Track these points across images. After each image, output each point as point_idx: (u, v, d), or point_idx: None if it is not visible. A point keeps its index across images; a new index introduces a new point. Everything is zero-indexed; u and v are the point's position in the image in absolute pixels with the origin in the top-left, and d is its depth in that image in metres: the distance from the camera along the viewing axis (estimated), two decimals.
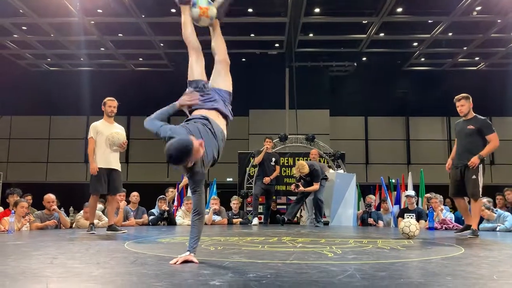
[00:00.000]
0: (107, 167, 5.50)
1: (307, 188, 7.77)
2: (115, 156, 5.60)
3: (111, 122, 5.72)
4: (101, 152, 5.49)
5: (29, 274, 2.34)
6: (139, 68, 17.54)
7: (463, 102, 5.48)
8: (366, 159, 17.69)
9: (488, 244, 4.40)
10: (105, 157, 5.49)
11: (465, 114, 5.46)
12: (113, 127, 5.68)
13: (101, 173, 5.44)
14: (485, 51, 15.31)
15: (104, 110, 5.74)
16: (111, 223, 5.57)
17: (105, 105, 5.71)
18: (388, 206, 8.66)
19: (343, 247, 3.84)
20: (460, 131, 5.49)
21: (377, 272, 2.48)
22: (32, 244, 4.06)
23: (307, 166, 7.60)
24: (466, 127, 5.38)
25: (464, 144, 5.36)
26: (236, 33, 14.42)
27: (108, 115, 5.69)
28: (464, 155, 5.28)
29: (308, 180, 7.80)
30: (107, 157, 5.50)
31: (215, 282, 2.11)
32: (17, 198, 6.29)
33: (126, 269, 2.57)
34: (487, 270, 2.64)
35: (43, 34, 14.16)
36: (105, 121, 5.70)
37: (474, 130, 5.30)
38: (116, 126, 5.74)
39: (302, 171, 7.56)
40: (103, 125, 5.65)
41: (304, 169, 7.55)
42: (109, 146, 5.51)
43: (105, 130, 5.58)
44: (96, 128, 5.60)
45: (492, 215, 6.60)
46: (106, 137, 5.51)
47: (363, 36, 14.42)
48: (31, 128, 17.75)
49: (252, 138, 16.52)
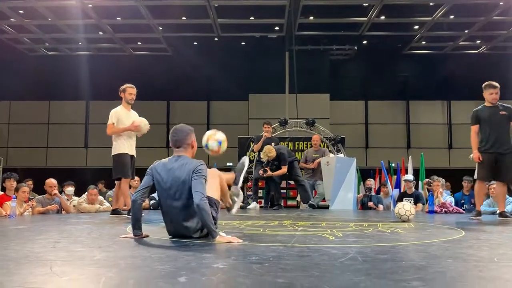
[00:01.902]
0: (131, 154, 5.65)
1: (275, 172, 7.86)
2: (134, 142, 5.76)
3: (129, 109, 5.74)
4: (126, 139, 5.60)
5: (33, 258, 2.35)
6: (138, 52, 17.41)
7: (498, 90, 5.50)
8: (366, 143, 17.69)
9: (488, 227, 4.43)
10: (129, 144, 5.62)
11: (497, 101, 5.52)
12: (131, 114, 5.73)
13: (128, 157, 5.58)
14: (487, 34, 15.18)
15: (123, 96, 5.71)
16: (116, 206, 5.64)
17: (125, 92, 5.69)
18: (388, 190, 8.70)
19: (343, 230, 3.86)
20: (491, 118, 5.47)
21: (379, 255, 2.49)
22: (35, 229, 4.08)
23: (274, 150, 7.68)
24: (499, 113, 5.43)
25: (499, 131, 5.41)
26: (236, 16, 14.29)
27: (128, 102, 5.70)
28: (500, 141, 5.35)
29: (277, 164, 7.87)
30: (130, 143, 5.65)
31: (218, 265, 2.12)
32: (14, 183, 6.28)
33: (129, 253, 2.58)
34: (488, 252, 2.66)
35: (41, 18, 14.01)
36: (124, 107, 5.70)
37: (506, 116, 5.40)
38: (132, 113, 5.78)
39: (270, 155, 7.63)
40: (124, 112, 5.67)
41: (271, 153, 7.62)
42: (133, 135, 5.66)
43: (126, 117, 5.63)
44: (118, 115, 5.60)
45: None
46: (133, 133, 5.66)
47: (363, 19, 14.28)
48: (30, 113, 17.69)
49: (252, 123, 16.48)
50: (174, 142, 3.16)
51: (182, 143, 3.15)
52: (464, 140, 17.35)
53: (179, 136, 3.15)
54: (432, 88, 16.90)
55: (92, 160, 16.98)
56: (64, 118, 17.66)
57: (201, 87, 17.23)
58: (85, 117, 17.74)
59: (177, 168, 3.04)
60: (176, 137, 3.15)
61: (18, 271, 2.02)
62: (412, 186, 7.59)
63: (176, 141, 3.15)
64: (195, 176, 2.96)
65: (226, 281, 1.81)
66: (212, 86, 17.07)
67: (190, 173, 2.97)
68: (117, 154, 5.55)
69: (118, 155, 5.55)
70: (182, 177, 2.99)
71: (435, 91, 17.06)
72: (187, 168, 3.01)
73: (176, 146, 3.15)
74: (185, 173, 2.99)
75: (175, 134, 3.16)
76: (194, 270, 1.99)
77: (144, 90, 17.49)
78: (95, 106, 17.27)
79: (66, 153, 17.45)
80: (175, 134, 3.16)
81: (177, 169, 3.03)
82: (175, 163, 3.07)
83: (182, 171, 3.01)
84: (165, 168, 3.07)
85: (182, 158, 3.10)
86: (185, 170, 3.00)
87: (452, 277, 1.92)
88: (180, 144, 3.15)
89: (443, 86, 16.92)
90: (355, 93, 17.82)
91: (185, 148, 3.16)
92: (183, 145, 3.15)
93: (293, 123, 11.18)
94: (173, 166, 3.06)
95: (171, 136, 3.17)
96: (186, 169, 3.00)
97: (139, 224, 3.11)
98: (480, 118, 5.52)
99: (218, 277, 1.84)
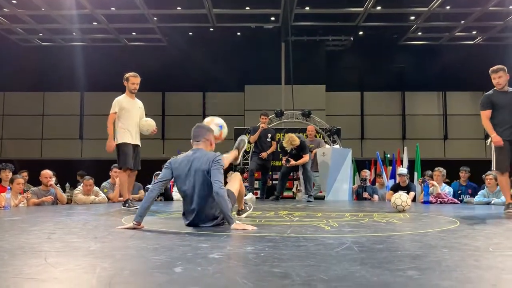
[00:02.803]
0: (134, 143, 5.54)
1: (298, 161, 7.61)
2: (139, 132, 5.66)
3: (133, 98, 5.65)
4: (129, 129, 5.48)
5: (27, 249, 2.34)
6: (133, 42, 17.27)
7: (501, 73, 5.07)
8: (362, 134, 17.71)
9: (483, 217, 4.45)
10: (132, 133, 5.51)
11: (503, 86, 5.08)
12: (136, 103, 5.64)
13: (130, 148, 5.46)
14: (483, 24, 15.16)
15: (126, 85, 5.60)
16: (129, 197, 5.57)
17: (128, 81, 5.58)
18: (383, 180, 8.73)
19: (339, 220, 3.87)
20: (504, 102, 5.06)
21: (374, 244, 2.50)
22: (29, 220, 4.06)
23: (297, 138, 7.39)
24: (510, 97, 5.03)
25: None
26: (231, 6, 14.19)
27: (131, 91, 5.59)
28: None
29: (295, 153, 7.59)
30: (132, 133, 5.52)
31: (214, 255, 2.12)
32: (9, 174, 6.24)
33: (124, 244, 2.58)
34: (483, 242, 2.67)
35: (34, 8, 13.85)
36: (128, 96, 5.60)
37: None
38: (137, 102, 5.68)
39: (294, 143, 7.33)
40: (128, 101, 5.56)
41: (295, 141, 7.32)
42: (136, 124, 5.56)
43: (130, 106, 5.54)
44: (120, 104, 5.49)
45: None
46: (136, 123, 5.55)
47: (360, 10, 14.21)
48: (24, 104, 17.55)
49: (248, 114, 16.44)
50: (195, 135, 3.48)
51: (201, 137, 3.47)
52: (459, 131, 17.51)
53: (201, 131, 3.50)
54: (428, 79, 16.90)
55: (87, 152, 16.91)
56: (59, 109, 17.54)
57: (196, 78, 17.14)
58: (80, 108, 17.63)
59: (198, 159, 3.32)
60: (198, 131, 3.49)
61: (13, 262, 2.00)
62: (406, 179, 7.58)
63: (197, 135, 3.47)
64: (215, 166, 3.25)
65: (222, 271, 1.81)
66: (207, 77, 16.97)
67: (210, 163, 3.27)
68: (118, 143, 5.47)
69: (119, 145, 5.46)
70: (203, 167, 3.28)
71: (431, 82, 17.06)
72: (206, 158, 3.30)
73: (196, 140, 3.47)
74: (205, 163, 3.28)
75: (197, 129, 3.51)
76: (189, 261, 1.98)
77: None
78: (90, 97, 17.17)
79: (61, 144, 17.36)
80: (197, 128, 3.52)
81: (198, 160, 3.31)
82: (195, 154, 3.36)
83: (202, 161, 3.29)
84: (186, 160, 3.34)
85: (200, 150, 3.40)
86: (205, 160, 3.29)
87: (447, 266, 1.93)
88: (200, 138, 3.47)
89: (439, 77, 16.93)
90: (351, 84, 17.80)
91: (204, 143, 3.48)
92: (202, 139, 3.47)
93: (289, 114, 11.17)
94: (194, 157, 3.34)
95: (194, 131, 3.49)
96: (206, 159, 3.29)
97: (145, 214, 3.25)
98: (493, 103, 5.14)
99: (213, 267, 1.84)
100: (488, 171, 7.11)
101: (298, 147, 7.46)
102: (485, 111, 5.13)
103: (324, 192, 8.59)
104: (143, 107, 5.75)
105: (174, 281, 1.63)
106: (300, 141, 7.41)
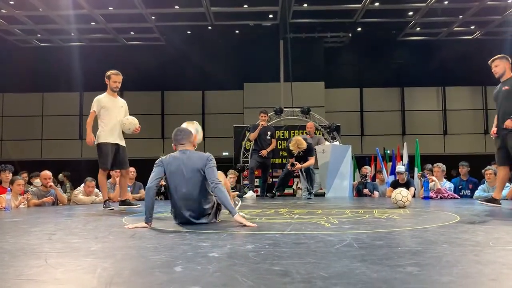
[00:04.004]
0: (114, 143, 5.36)
1: (303, 164, 7.49)
2: (121, 132, 5.46)
3: (115, 97, 5.50)
4: (109, 128, 5.32)
5: (28, 250, 2.34)
6: (131, 42, 17.26)
7: (497, 62, 4.96)
8: (361, 130, 17.71)
9: (483, 212, 4.45)
10: (112, 133, 5.34)
11: (501, 75, 4.95)
12: (117, 102, 5.48)
13: (108, 147, 5.30)
14: (481, 19, 15.14)
15: (108, 83, 5.44)
16: (125, 198, 5.51)
17: (110, 79, 5.41)
18: (383, 176, 8.72)
19: (339, 217, 3.87)
20: (497, 95, 5.01)
21: (375, 241, 2.50)
22: (30, 221, 4.07)
23: (304, 142, 7.24)
24: (502, 89, 4.91)
25: (502, 108, 4.87)
26: (229, 4, 14.17)
27: (113, 90, 5.42)
28: (503, 119, 4.77)
29: (301, 155, 7.45)
30: (114, 133, 5.35)
31: (214, 254, 2.12)
32: (9, 175, 6.23)
33: (124, 243, 2.58)
34: (483, 237, 2.67)
35: (32, 9, 13.84)
36: (109, 95, 5.45)
37: (510, 90, 4.81)
38: (120, 100, 5.53)
39: (301, 147, 7.17)
40: (107, 99, 5.40)
41: (302, 145, 7.16)
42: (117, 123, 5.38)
43: (111, 104, 5.38)
44: (100, 102, 5.35)
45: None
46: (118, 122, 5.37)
47: (358, 6, 14.19)
48: (23, 105, 17.55)
49: (247, 112, 16.44)
50: (179, 139, 3.60)
51: (186, 140, 3.60)
52: (459, 126, 17.52)
53: (183, 134, 3.62)
54: (427, 74, 16.89)
55: (87, 152, 16.89)
56: (58, 110, 17.53)
57: (195, 77, 17.12)
58: (79, 108, 17.63)
59: (190, 158, 3.47)
60: (181, 136, 3.61)
61: (14, 263, 2.01)
62: (405, 176, 7.56)
63: (181, 138, 3.60)
64: (209, 164, 3.43)
65: (222, 269, 1.81)
66: (206, 75, 16.97)
67: (205, 161, 3.44)
68: (97, 143, 5.34)
69: (98, 144, 5.33)
70: (197, 165, 3.43)
71: (430, 77, 17.05)
72: (199, 157, 3.48)
73: (180, 143, 3.59)
74: (199, 162, 3.44)
75: (180, 133, 3.62)
76: (190, 260, 1.99)
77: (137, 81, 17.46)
78: (89, 97, 17.07)
79: (61, 145, 17.36)
80: (180, 133, 3.62)
81: (190, 159, 3.46)
82: (185, 154, 3.50)
83: (196, 160, 3.45)
84: (178, 160, 3.48)
85: (189, 151, 3.55)
86: (199, 159, 3.46)
87: (447, 261, 1.93)
88: (184, 141, 3.60)
89: (438, 72, 16.92)
90: (350, 80, 17.79)
91: (188, 145, 3.62)
92: (187, 142, 3.61)
93: (289, 111, 11.15)
94: (185, 157, 3.48)
95: (175, 135, 3.61)
96: (198, 158, 3.47)
97: (152, 212, 3.36)
98: (493, 97, 5.13)
99: (214, 266, 1.84)
100: (488, 166, 7.12)
101: (305, 150, 7.34)
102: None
103: (324, 189, 8.59)
104: (126, 106, 5.59)
105: (174, 280, 1.64)
106: (307, 144, 7.28)
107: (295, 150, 7.24)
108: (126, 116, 5.51)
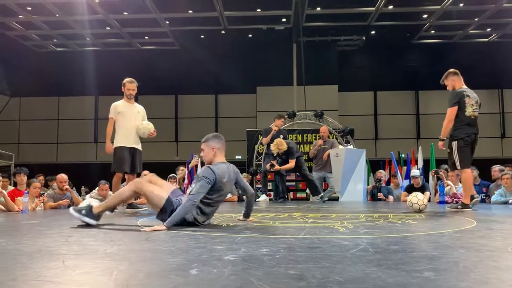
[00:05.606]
0: (130, 146, 5.57)
1: (283, 166, 7.75)
2: (137, 137, 5.68)
3: (131, 103, 5.73)
4: (124, 133, 5.56)
5: (45, 252, 2.37)
6: (145, 46, 17.44)
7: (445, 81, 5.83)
8: (376, 134, 17.60)
9: (500, 217, 4.38)
10: (127, 137, 5.57)
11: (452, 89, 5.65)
12: (134, 108, 5.71)
13: (124, 151, 5.51)
14: (497, 21, 14.97)
15: (123, 91, 5.72)
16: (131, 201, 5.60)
17: (125, 86, 5.69)
18: (398, 181, 8.64)
19: (354, 221, 3.84)
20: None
21: (390, 245, 2.48)
22: (47, 223, 4.12)
23: (285, 143, 7.54)
24: None
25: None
26: (242, 8, 14.23)
27: (128, 97, 5.69)
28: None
29: (284, 158, 7.74)
30: (129, 138, 5.58)
31: (229, 257, 2.12)
32: (24, 177, 6.35)
33: (140, 246, 2.60)
34: (501, 242, 2.63)
35: (48, 14, 14.08)
36: (125, 101, 5.70)
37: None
38: (137, 106, 5.75)
39: (281, 148, 7.50)
40: (124, 105, 5.65)
41: (282, 146, 7.49)
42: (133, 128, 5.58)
43: (126, 110, 5.61)
44: (117, 108, 5.60)
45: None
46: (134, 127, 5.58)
47: (371, 9, 14.14)
48: (40, 109, 17.85)
49: (260, 116, 16.46)
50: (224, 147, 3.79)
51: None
52: None
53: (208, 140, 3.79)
54: (441, 77, 16.70)
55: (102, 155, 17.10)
56: (74, 114, 17.79)
57: (208, 81, 17.22)
58: (94, 112, 17.85)
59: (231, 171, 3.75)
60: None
61: (31, 265, 2.03)
62: (420, 181, 7.51)
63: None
64: (239, 176, 3.84)
65: (237, 273, 1.81)
66: (219, 79, 17.05)
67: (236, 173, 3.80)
68: (114, 147, 5.57)
69: (114, 149, 5.56)
70: (234, 177, 3.78)
71: None
72: (233, 170, 3.79)
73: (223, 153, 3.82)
74: (234, 174, 3.77)
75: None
76: (205, 263, 1.99)
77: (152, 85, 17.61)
78: (104, 101, 17.35)
79: (76, 148, 17.60)
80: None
81: (231, 172, 3.75)
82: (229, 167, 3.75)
83: (233, 172, 3.76)
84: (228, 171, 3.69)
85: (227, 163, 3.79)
86: (233, 172, 3.78)
87: (465, 267, 1.90)
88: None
89: None
90: (364, 84, 17.70)
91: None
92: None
93: (302, 115, 11.14)
94: (230, 169, 3.74)
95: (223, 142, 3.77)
96: (233, 171, 3.78)
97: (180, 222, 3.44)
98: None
99: (229, 269, 1.84)
100: (505, 170, 7.03)
101: (285, 152, 7.60)
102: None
103: (338, 193, 8.54)
104: (144, 112, 5.81)
105: (190, 283, 1.64)
106: (288, 147, 7.55)
107: (275, 151, 7.58)
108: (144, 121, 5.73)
